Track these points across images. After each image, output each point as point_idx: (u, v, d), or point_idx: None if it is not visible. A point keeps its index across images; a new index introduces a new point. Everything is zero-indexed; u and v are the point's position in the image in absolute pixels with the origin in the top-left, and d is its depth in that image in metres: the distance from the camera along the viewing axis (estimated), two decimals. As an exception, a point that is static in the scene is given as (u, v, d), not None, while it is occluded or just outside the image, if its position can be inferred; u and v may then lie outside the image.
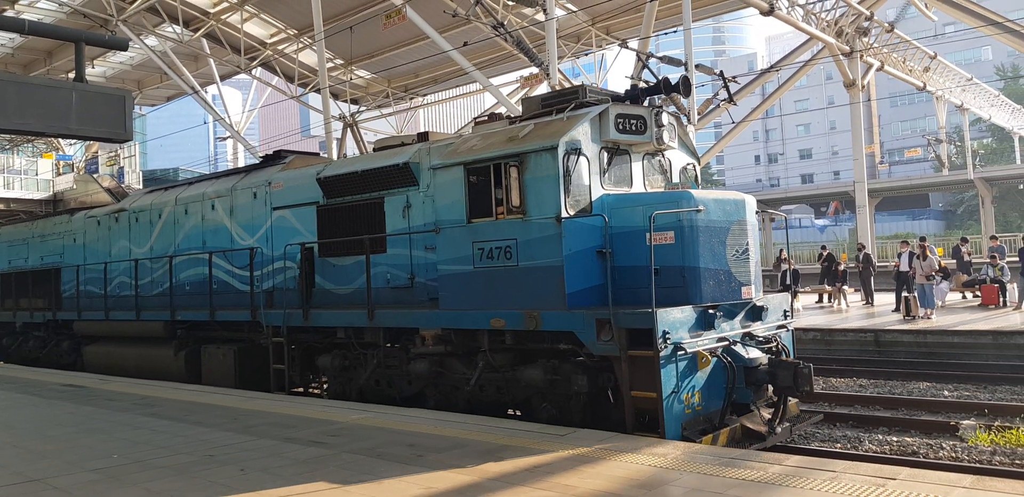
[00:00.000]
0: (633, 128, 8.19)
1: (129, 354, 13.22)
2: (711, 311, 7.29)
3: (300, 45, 28.44)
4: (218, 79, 30.31)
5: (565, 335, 7.46)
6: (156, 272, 13.15)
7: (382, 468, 5.68)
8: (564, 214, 7.47)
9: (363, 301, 9.37)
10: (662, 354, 6.71)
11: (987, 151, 59.06)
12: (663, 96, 8.86)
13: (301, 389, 11.06)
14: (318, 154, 13.38)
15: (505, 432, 6.80)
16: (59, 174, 39.42)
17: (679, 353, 6.88)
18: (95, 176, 38.23)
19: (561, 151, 7.52)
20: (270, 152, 12.62)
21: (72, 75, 6.99)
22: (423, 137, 9.88)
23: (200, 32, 27.23)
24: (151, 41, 28.04)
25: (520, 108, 9.85)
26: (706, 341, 7.17)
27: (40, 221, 17.74)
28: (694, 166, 9.34)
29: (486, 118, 9.61)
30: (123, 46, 8.49)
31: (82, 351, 14.54)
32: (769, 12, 19.30)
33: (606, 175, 8.05)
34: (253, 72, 30.84)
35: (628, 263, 7.50)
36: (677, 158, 9.05)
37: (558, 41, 22.22)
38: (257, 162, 12.24)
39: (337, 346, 9.90)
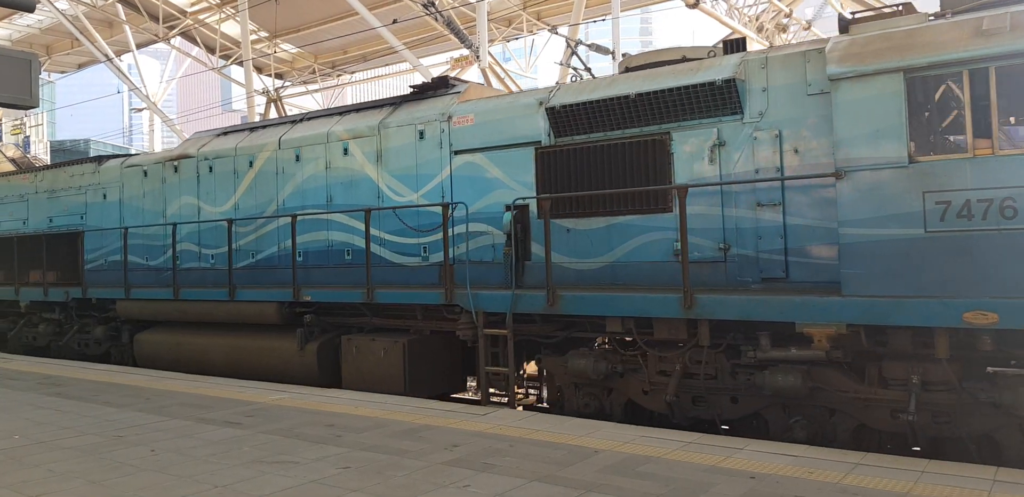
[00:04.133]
0: None
1: (216, 345, 10.24)
2: None
3: (223, 15, 27.40)
4: (134, 47, 28.92)
5: None
6: (244, 237, 10.42)
7: (299, 448, 5.67)
8: None
9: (620, 280, 7.26)
10: None
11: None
12: None
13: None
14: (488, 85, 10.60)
15: (426, 412, 6.86)
16: (-44, 142, 37.02)
17: None
18: (-3, 145, 36.07)
19: None
20: (427, 81, 9.74)
21: (-28, 36, 6.58)
22: (736, 45, 7.23)
23: (115, -3, 25.92)
24: (62, 4, 26.54)
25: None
26: None
27: (48, 172, 13.69)
28: None
29: (871, 14, 6.32)
30: (30, 7, 8.00)
31: (134, 340, 11.34)
32: (694, 5, 19.74)
33: None
34: (172, 42, 29.59)
35: None
36: None
37: (489, 24, 22.16)
38: (410, 93, 9.55)
39: (580, 343, 7.53)
